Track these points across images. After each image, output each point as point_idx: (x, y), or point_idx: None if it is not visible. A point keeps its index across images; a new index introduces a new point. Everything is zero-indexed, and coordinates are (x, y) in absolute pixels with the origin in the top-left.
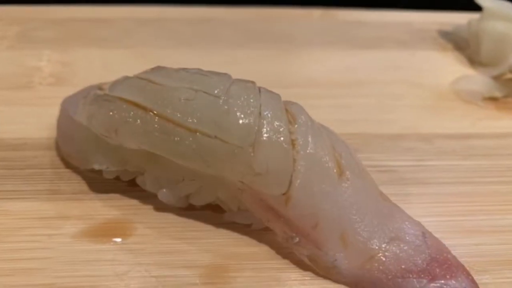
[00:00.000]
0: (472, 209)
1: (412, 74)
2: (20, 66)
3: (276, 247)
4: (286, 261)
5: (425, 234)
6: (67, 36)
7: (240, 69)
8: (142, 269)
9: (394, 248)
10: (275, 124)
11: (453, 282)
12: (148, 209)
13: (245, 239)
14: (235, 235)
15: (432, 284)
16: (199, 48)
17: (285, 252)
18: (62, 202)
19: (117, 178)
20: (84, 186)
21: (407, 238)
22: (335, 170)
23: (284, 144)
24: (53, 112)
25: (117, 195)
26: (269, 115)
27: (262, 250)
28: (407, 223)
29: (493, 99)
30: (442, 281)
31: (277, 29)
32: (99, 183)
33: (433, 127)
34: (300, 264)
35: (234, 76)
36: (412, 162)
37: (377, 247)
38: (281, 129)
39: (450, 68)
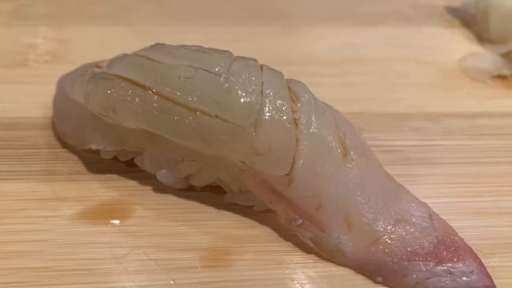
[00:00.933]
0: (480, 190)
1: (418, 51)
2: (15, 43)
3: (279, 229)
4: (289, 243)
5: (431, 216)
6: (63, 12)
7: (241, 47)
8: (141, 252)
9: (400, 230)
10: (277, 102)
11: (461, 265)
12: (146, 190)
13: (247, 221)
14: (236, 217)
15: (439, 267)
16: (199, 25)
17: (287, 234)
18: (59, 183)
19: (115, 159)
20: (81, 167)
21: (414, 220)
22: (339, 150)
23: (286, 123)
24: (49, 91)
25: (115, 176)
26: (271, 93)
27: (264, 232)
28: (413, 204)
29: (501, 77)
30: (449, 264)
31: (278, 6)
32: (96, 164)
33: (439, 106)
34: (303, 247)
35: (235, 53)
36: (419, 142)
37: (382, 229)
38: (283, 108)
39: (457, 45)
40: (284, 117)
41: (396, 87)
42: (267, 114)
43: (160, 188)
